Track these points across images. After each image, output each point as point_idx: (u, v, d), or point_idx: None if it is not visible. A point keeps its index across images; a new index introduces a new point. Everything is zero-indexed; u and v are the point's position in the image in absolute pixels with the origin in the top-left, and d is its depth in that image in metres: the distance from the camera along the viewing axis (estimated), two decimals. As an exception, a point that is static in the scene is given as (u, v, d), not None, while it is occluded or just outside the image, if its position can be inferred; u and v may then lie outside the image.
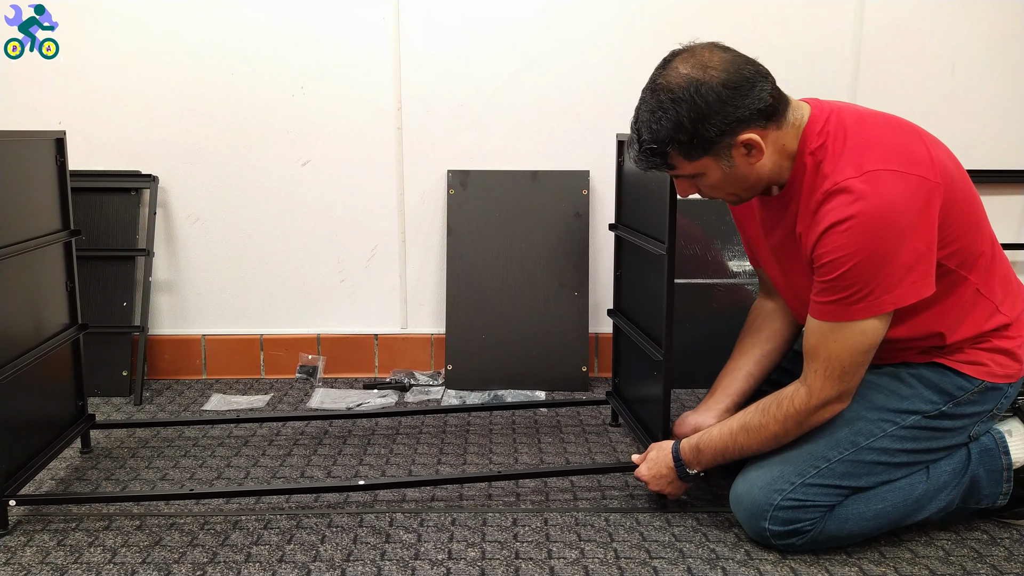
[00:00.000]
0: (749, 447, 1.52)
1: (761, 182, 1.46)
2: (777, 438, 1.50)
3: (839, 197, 1.35)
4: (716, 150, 1.40)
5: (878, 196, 1.33)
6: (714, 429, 1.56)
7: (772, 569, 1.47)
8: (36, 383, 1.73)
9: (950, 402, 1.49)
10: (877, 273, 1.34)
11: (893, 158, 1.36)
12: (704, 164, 1.42)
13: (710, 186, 1.47)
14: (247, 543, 1.55)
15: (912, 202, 1.34)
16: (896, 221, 1.33)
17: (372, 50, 2.42)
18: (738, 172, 1.43)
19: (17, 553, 1.52)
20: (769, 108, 1.39)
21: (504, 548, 1.54)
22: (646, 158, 1.45)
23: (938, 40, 2.44)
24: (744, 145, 1.40)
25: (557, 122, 2.46)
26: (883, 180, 1.34)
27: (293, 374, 2.55)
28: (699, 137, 1.38)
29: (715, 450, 1.55)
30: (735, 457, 1.54)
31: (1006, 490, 1.56)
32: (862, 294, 1.36)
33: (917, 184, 1.35)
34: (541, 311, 2.44)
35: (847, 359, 1.41)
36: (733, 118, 1.37)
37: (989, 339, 1.50)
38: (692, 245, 2.45)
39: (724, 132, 1.37)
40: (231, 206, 2.48)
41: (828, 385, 1.43)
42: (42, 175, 1.78)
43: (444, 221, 2.49)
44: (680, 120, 1.37)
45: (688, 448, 1.58)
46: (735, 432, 1.53)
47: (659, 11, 2.41)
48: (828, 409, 1.46)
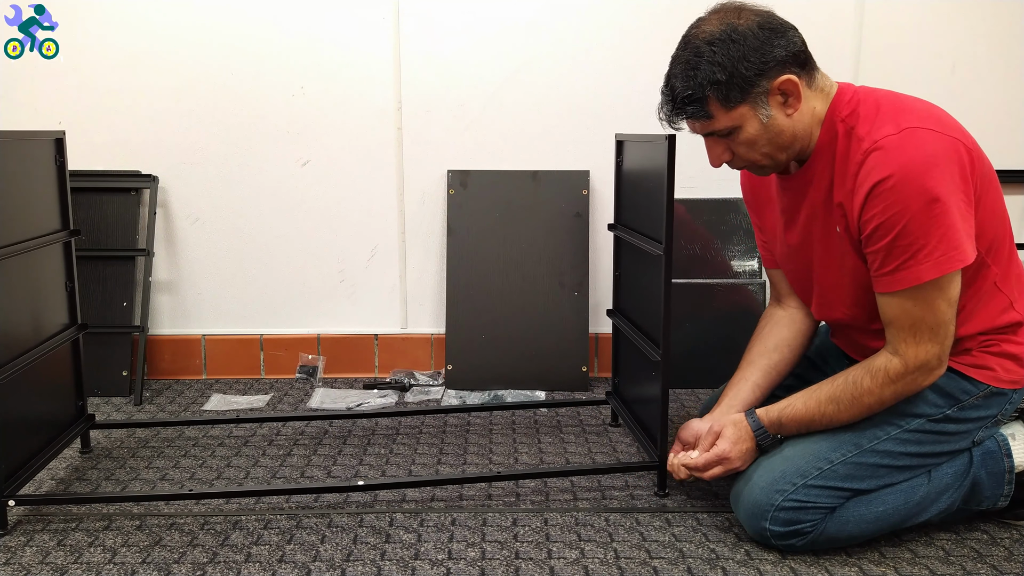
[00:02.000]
0: (839, 419, 1.48)
1: (796, 141, 1.44)
2: (871, 409, 1.46)
3: (877, 154, 1.33)
4: (754, 95, 1.38)
5: (919, 150, 1.31)
6: (797, 401, 1.51)
7: (772, 569, 1.47)
8: (36, 383, 1.74)
9: (955, 406, 1.48)
10: (934, 227, 1.31)
11: (930, 120, 1.36)
12: (741, 114, 1.40)
13: (746, 142, 1.44)
14: (247, 543, 1.56)
15: (951, 159, 1.33)
16: (940, 174, 1.31)
17: (372, 50, 2.42)
18: (775, 125, 1.41)
19: (17, 553, 1.52)
20: (802, 56, 1.40)
21: (504, 548, 1.54)
22: (682, 108, 1.42)
23: (938, 40, 2.44)
24: (781, 92, 1.39)
25: (557, 122, 2.46)
26: (922, 136, 1.33)
27: (293, 374, 2.55)
28: (737, 77, 1.36)
29: (799, 422, 1.51)
30: (820, 428, 1.50)
31: (1007, 492, 1.56)
32: (925, 252, 1.32)
33: (954, 144, 1.34)
34: (541, 311, 2.44)
35: (932, 319, 1.37)
36: (770, 57, 1.37)
37: (997, 342, 1.48)
38: (692, 245, 2.45)
39: (761, 73, 1.37)
40: (231, 206, 2.49)
41: (923, 350, 1.39)
42: (42, 175, 1.78)
43: (444, 221, 2.49)
44: (719, 60, 1.36)
45: (769, 421, 1.54)
46: (822, 403, 1.48)
47: (659, 11, 2.41)
48: (929, 374, 1.42)
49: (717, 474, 1.57)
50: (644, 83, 2.44)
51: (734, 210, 2.46)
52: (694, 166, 2.47)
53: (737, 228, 2.46)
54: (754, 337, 1.75)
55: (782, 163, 1.49)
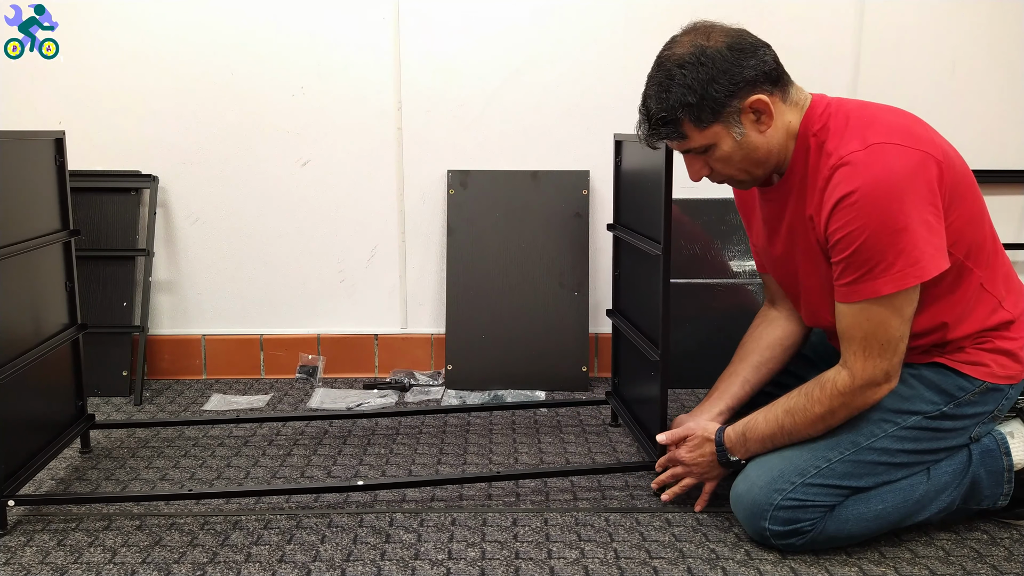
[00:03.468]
0: (797, 431, 1.49)
1: (771, 156, 1.46)
2: (824, 420, 1.47)
3: (844, 170, 1.36)
4: (726, 115, 1.41)
5: (882, 166, 1.33)
6: (759, 416, 1.54)
7: (772, 569, 1.47)
8: (36, 383, 1.74)
9: (951, 403, 1.49)
10: (893, 243, 1.33)
11: (896, 134, 1.37)
12: (715, 132, 1.43)
13: (722, 159, 1.46)
14: (247, 543, 1.56)
15: (917, 174, 1.34)
16: (903, 191, 1.32)
17: (372, 50, 2.42)
18: (749, 142, 1.44)
19: (17, 553, 1.52)
20: (774, 73, 1.42)
21: (504, 548, 1.54)
22: (657, 130, 1.46)
23: (938, 40, 2.44)
24: (753, 110, 1.42)
25: (557, 122, 2.46)
26: (887, 152, 1.34)
27: (293, 374, 2.55)
28: (708, 99, 1.39)
29: (762, 436, 1.53)
30: (783, 443, 1.52)
31: (1007, 491, 1.56)
32: (883, 267, 1.34)
33: (921, 158, 1.35)
34: (541, 311, 2.44)
35: (883, 336, 1.39)
36: (740, 78, 1.39)
37: (991, 339, 1.49)
38: (692, 245, 2.45)
39: (732, 94, 1.39)
40: (231, 206, 2.49)
41: (870, 364, 1.41)
42: (42, 175, 1.78)
43: (444, 221, 2.49)
44: (688, 83, 1.39)
45: (734, 435, 1.56)
46: (780, 417, 1.50)
47: (658, 11, 2.41)
48: (876, 390, 1.43)
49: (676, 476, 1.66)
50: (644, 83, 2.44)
51: (733, 210, 2.46)
52: (694, 166, 2.48)
53: (736, 228, 2.46)
54: (747, 334, 1.78)
55: (759, 177, 1.51)
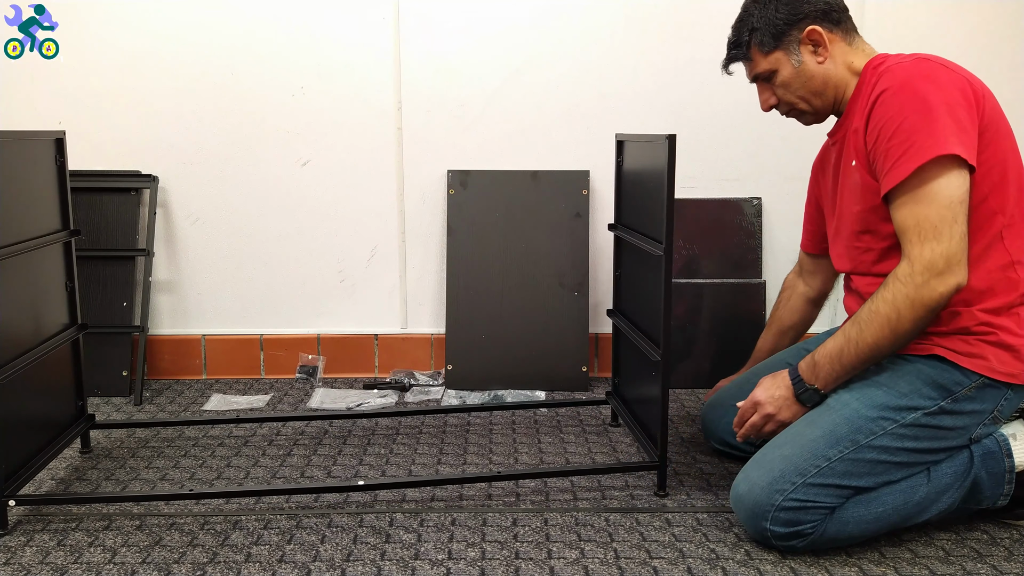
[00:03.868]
0: (864, 341, 1.48)
1: (828, 87, 1.61)
2: (890, 322, 1.44)
3: (887, 73, 1.49)
4: (786, 42, 1.60)
5: (922, 69, 1.46)
6: (828, 340, 1.55)
7: (772, 569, 1.47)
8: (36, 383, 1.74)
9: (948, 398, 1.49)
10: (926, 124, 1.41)
11: (948, 64, 1.49)
12: (776, 58, 1.62)
13: (782, 85, 1.63)
14: (247, 543, 1.56)
15: (952, 83, 1.45)
16: (937, 88, 1.43)
17: (372, 50, 2.42)
18: (806, 70, 1.60)
19: (17, 553, 1.52)
20: (835, 13, 1.60)
21: (504, 548, 1.54)
22: (730, 51, 1.68)
23: (938, 40, 2.44)
24: (811, 41, 1.59)
25: (557, 122, 2.46)
26: (930, 64, 1.48)
27: (293, 374, 2.55)
28: (770, 24, 1.60)
29: (831, 356, 1.53)
30: (853, 360, 1.50)
31: (1007, 491, 1.56)
32: (919, 141, 1.41)
33: (959, 79, 1.47)
34: (541, 311, 2.44)
35: (935, 214, 1.41)
36: (800, 11, 1.59)
37: (995, 331, 1.48)
38: (692, 245, 2.45)
39: (791, 23, 1.59)
40: (231, 206, 2.49)
41: (927, 248, 1.41)
42: (42, 175, 1.78)
43: (444, 221, 2.49)
44: (756, 11, 1.62)
45: (804, 366, 1.58)
46: (846, 330, 1.51)
47: (658, 11, 2.41)
48: (939, 280, 1.41)
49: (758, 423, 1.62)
50: (644, 83, 2.45)
51: (734, 210, 2.46)
52: (694, 166, 2.48)
53: (737, 228, 2.46)
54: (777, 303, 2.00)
55: (819, 109, 1.64)
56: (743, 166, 2.48)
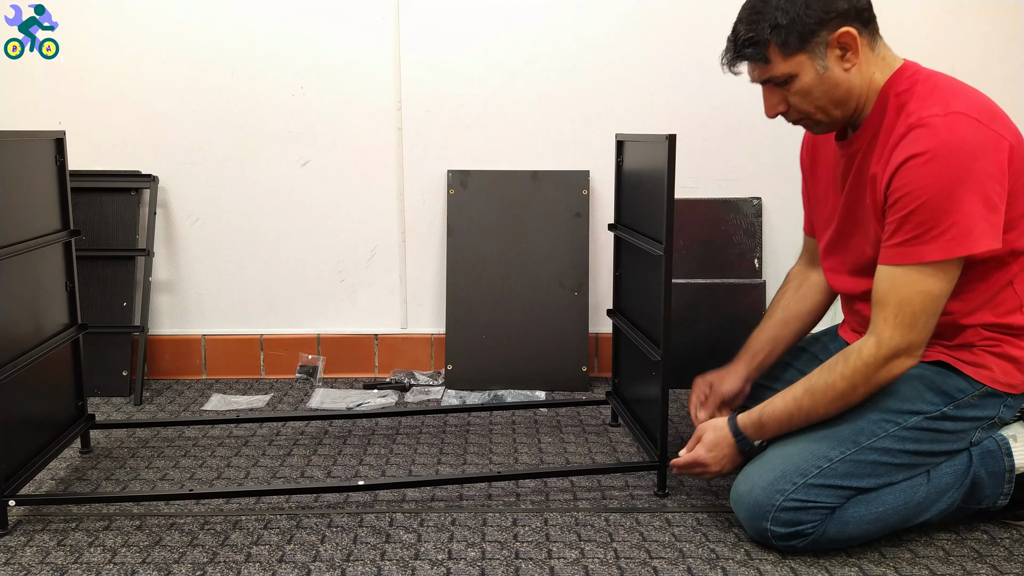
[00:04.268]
0: (816, 411, 1.47)
1: (851, 98, 1.46)
2: (845, 397, 1.45)
3: (919, 131, 1.36)
4: (813, 44, 1.41)
5: (958, 135, 1.34)
6: (776, 399, 1.52)
7: (772, 569, 1.47)
8: (36, 383, 1.73)
9: (951, 404, 1.49)
10: (950, 211, 1.33)
11: (978, 109, 1.37)
12: (799, 62, 1.42)
13: (801, 92, 1.45)
14: (247, 543, 1.56)
15: (990, 151, 1.34)
16: (972, 162, 1.33)
17: (372, 50, 2.42)
18: (831, 77, 1.43)
19: (17, 553, 1.52)
20: (866, 14, 1.43)
21: (504, 548, 1.54)
22: (741, 51, 1.45)
23: (938, 40, 2.44)
24: (840, 45, 1.41)
25: (557, 122, 2.46)
26: (966, 123, 1.35)
27: (293, 374, 2.55)
28: (799, 23, 1.39)
29: (779, 420, 1.51)
30: (801, 424, 1.50)
31: (1007, 491, 1.56)
32: (935, 232, 1.34)
33: (997, 138, 1.36)
34: (541, 311, 2.44)
35: (918, 304, 1.37)
36: (833, 8, 1.40)
37: (1000, 343, 1.49)
38: (693, 244, 2.45)
39: (823, 22, 1.39)
40: (231, 206, 2.49)
41: (898, 333, 1.39)
42: (42, 175, 1.78)
43: (444, 221, 2.49)
44: (782, 6, 1.40)
45: (749, 423, 1.55)
46: (799, 397, 1.48)
47: (658, 11, 2.41)
48: (898, 363, 1.41)
49: (703, 477, 1.63)
50: (644, 83, 2.45)
51: (734, 210, 2.46)
52: (694, 166, 2.48)
53: (737, 228, 2.46)
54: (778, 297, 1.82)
55: (836, 120, 1.50)
56: (743, 166, 2.48)
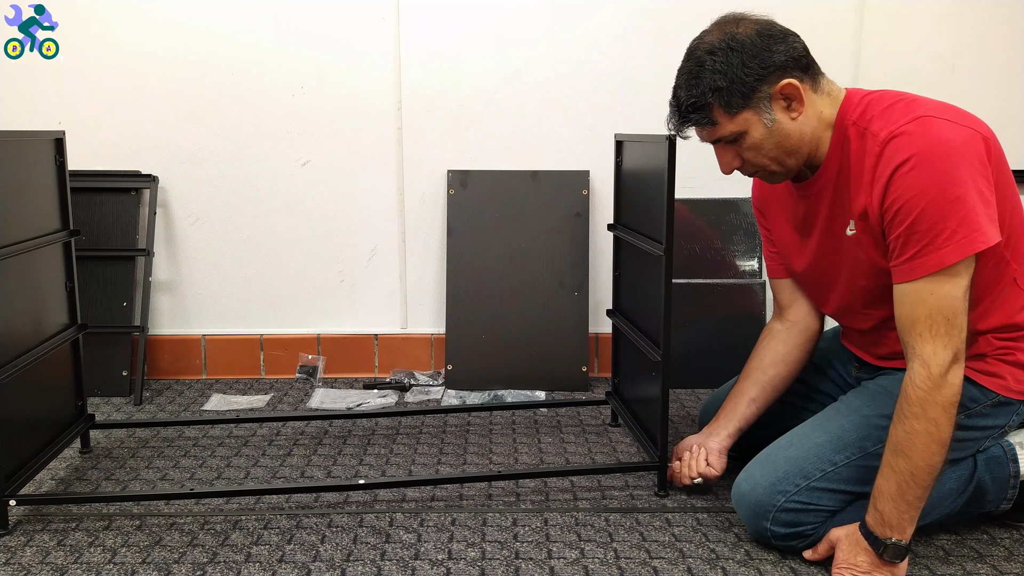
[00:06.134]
0: (918, 467, 1.33)
1: (803, 145, 1.44)
2: (932, 434, 1.31)
3: (896, 141, 1.33)
4: (755, 100, 1.40)
5: (935, 136, 1.31)
6: (878, 479, 1.37)
7: (772, 569, 1.47)
8: (36, 383, 1.73)
9: (963, 413, 1.43)
10: (953, 210, 1.29)
11: (942, 111, 1.36)
12: (745, 119, 1.42)
13: (752, 147, 1.44)
14: (247, 543, 1.56)
15: (968, 146, 1.32)
16: (958, 159, 1.30)
17: (372, 50, 2.42)
18: (780, 128, 1.42)
19: (17, 553, 1.52)
20: (803, 60, 1.42)
21: (504, 548, 1.54)
22: (687, 117, 1.45)
23: (938, 41, 2.44)
24: (784, 96, 1.41)
25: (557, 122, 2.46)
26: (937, 124, 1.33)
27: (293, 374, 2.55)
28: (738, 82, 1.38)
29: (892, 497, 1.35)
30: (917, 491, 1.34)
31: (1011, 496, 1.55)
32: (945, 235, 1.29)
33: (970, 134, 1.33)
34: (541, 311, 2.44)
35: (948, 309, 1.31)
36: (770, 63, 1.39)
37: (1012, 351, 1.47)
38: (692, 245, 2.45)
39: (762, 78, 1.39)
40: (231, 206, 2.49)
41: (940, 344, 1.31)
42: (42, 175, 1.78)
43: (444, 221, 2.49)
44: (719, 68, 1.39)
45: (871, 519, 1.38)
46: (891, 463, 1.35)
47: (658, 11, 2.41)
48: (953, 373, 1.31)
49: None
50: (644, 83, 2.44)
51: (734, 210, 2.46)
52: (694, 166, 2.48)
53: (737, 228, 2.46)
54: (753, 353, 1.75)
55: (792, 168, 1.48)
56: (743, 166, 2.48)
